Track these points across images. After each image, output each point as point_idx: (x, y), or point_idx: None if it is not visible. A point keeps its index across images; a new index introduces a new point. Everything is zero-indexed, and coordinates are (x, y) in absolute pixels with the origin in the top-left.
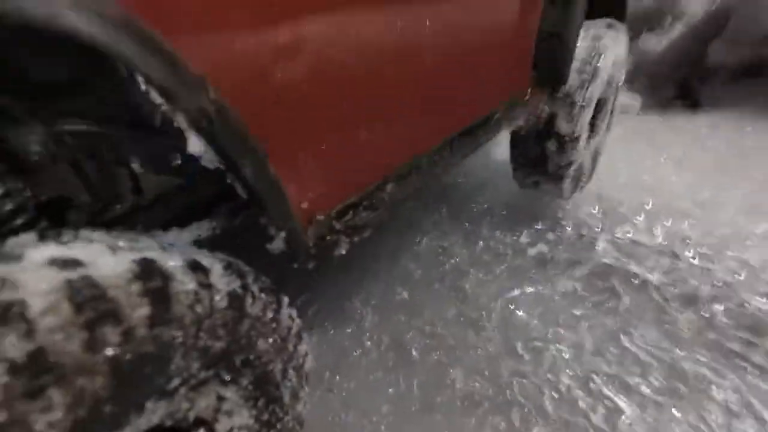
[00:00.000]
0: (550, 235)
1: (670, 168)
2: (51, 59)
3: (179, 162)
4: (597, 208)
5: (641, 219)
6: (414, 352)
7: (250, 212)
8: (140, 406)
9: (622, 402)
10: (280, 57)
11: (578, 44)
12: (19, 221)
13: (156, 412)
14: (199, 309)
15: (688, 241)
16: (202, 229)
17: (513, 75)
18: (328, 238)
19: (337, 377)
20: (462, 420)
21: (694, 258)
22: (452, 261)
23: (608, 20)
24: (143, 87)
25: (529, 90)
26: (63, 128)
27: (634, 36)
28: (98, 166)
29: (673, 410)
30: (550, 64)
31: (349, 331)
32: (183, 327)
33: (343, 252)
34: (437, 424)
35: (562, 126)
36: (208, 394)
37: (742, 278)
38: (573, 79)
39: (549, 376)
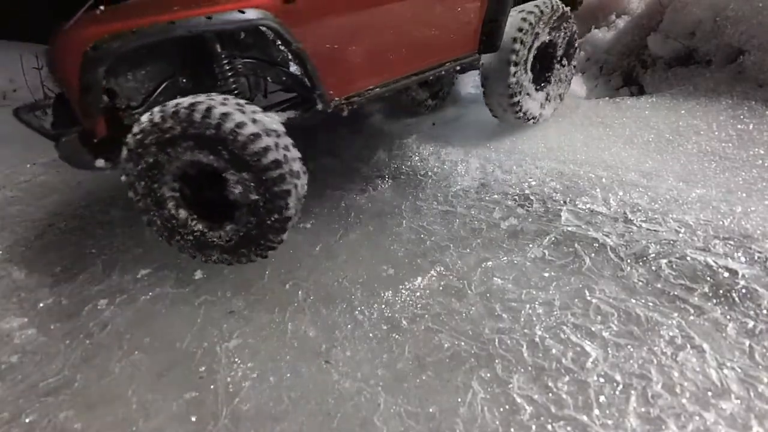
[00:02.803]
0: (520, 210)
1: (620, 145)
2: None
3: (282, 78)
4: (559, 183)
5: (598, 191)
6: (403, 322)
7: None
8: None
9: (588, 346)
10: (326, 25)
11: (514, 20)
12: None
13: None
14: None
15: (637, 207)
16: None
17: (466, 43)
18: (339, 106)
19: (334, 350)
20: (451, 375)
21: (643, 222)
22: (432, 239)
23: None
24: (279, 45)
25: (476, 52)
26: (245, 61)
27: (584, 31)
28: (256, 80)
29: (630, 348)
30: (490, 38)
31: (340, 308)
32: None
33: (345, 114)
34: (430, 380)
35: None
36: None
37: (682, 236)
38: (508, 44)
39: (525, 330)
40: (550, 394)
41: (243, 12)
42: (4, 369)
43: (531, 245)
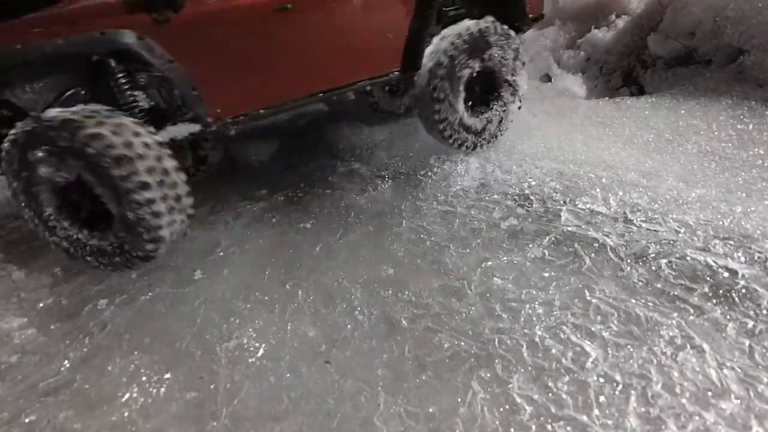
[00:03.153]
0: (520, 210)
1: (620, 145)
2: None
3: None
4: (559, 183)
5: (598, 191)
6: (403, 321)
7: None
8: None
9: (587, 346)
10: (209, 44)
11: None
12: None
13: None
14: None
15: (637, 207)
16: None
17: (387, 60)
18: (224, 126)
19: (333, 350)
20: (451, 375)
21: (643, 222)
22: (432, 239)
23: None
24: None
25: (397, 71)
26: (149, 74)
27: (584, 31)
28: (168, 93)
29: (630, 348)
30: (411, 57)
31: (340, 308)
32: None
33: (233, 133)
34: (429, 380)
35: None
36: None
37: (682, 236)
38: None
39: (525, 330)
40: (550, 394)
41: (103, 34)
42: (4, 369)
43: (531, 245)
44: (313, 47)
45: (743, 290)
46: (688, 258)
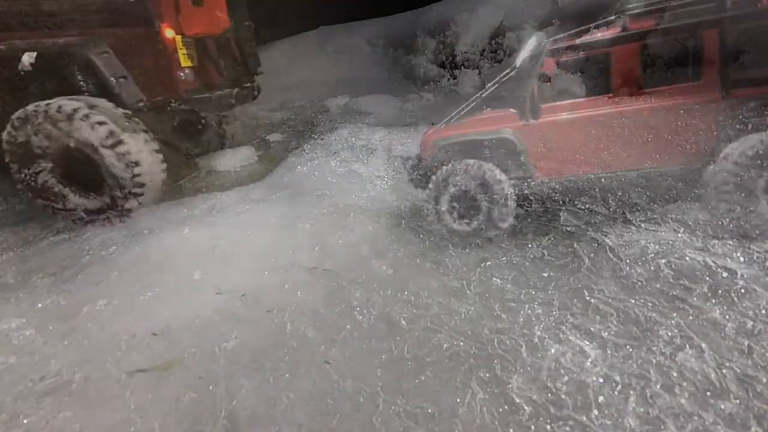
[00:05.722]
0: (519, 210)
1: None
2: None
3: None
4: (558, 183)
5: (597, 191)
6: (402, 322)
7: None
8: None
9: (587, 346)
10: None
11: None
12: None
13: None
14: None
15: (636, 207)
16: None
17: None
18: None
19: (333, 350)
20: (450, 375)
21: (642, 222)
22: (431, 238)
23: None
24: None
25: None
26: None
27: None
28: None
29: (629, 348)
30: None
31: (339, 308)
32: None
33: None
34: (428, 381)
35: None
36: None
37: (681, 236)
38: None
39: (524, 330)
40: (549, 394)
41: None
42: (3, 369)
43: (530, 245)
44: None
45: (742, 290)
46: (687, 258)
